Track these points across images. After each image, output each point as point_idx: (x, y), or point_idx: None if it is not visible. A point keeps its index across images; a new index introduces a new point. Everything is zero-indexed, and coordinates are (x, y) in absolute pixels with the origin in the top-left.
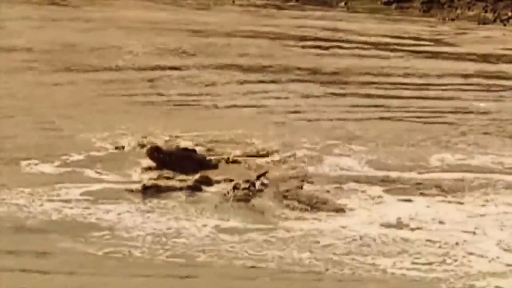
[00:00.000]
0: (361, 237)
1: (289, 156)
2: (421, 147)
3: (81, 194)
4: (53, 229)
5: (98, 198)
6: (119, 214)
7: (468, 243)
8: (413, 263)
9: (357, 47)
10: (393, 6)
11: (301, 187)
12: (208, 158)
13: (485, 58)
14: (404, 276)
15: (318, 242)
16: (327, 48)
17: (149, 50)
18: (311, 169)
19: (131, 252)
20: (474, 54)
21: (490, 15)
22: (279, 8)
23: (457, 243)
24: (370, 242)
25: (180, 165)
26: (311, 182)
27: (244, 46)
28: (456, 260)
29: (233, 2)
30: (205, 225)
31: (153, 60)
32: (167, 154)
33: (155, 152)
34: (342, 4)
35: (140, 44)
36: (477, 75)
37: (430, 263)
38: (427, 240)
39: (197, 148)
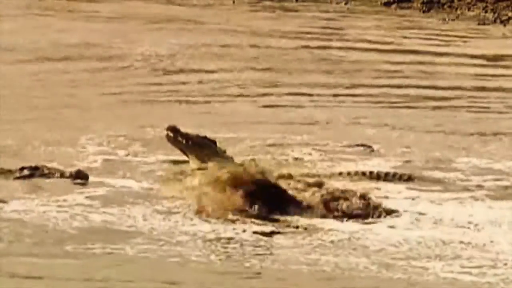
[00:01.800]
0: (404, 240)
1: (312, 155)
2: (449, 147)
3: (91, 198)
4: (90, 237)
5: (109, 202)
6: (144, 219)
7: (502, 245)
8: (462, 266)
9: (358, 47)
10: (393, 6)
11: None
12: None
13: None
14: (455, 281)
15: (367, 246)
16: (328, 48)
17: (164, 47)
18: (337, 169)
19: (186, 257)
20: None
21: (490, 15)
22: (279, 7)
23: (492, 242)
24: (413, 244)
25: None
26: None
27: (252, 44)
28: (505, 264)
29: (233, 1)
30: (240, 229)
31: (168, 57)
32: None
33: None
34: (342, 4)
35: (155, 40)
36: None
37: (480, 267)
38: (461, 242)
39: None
